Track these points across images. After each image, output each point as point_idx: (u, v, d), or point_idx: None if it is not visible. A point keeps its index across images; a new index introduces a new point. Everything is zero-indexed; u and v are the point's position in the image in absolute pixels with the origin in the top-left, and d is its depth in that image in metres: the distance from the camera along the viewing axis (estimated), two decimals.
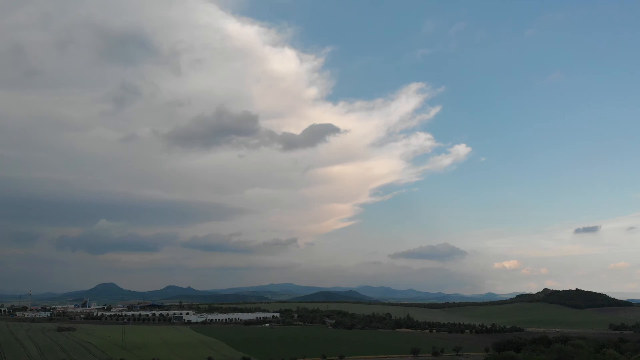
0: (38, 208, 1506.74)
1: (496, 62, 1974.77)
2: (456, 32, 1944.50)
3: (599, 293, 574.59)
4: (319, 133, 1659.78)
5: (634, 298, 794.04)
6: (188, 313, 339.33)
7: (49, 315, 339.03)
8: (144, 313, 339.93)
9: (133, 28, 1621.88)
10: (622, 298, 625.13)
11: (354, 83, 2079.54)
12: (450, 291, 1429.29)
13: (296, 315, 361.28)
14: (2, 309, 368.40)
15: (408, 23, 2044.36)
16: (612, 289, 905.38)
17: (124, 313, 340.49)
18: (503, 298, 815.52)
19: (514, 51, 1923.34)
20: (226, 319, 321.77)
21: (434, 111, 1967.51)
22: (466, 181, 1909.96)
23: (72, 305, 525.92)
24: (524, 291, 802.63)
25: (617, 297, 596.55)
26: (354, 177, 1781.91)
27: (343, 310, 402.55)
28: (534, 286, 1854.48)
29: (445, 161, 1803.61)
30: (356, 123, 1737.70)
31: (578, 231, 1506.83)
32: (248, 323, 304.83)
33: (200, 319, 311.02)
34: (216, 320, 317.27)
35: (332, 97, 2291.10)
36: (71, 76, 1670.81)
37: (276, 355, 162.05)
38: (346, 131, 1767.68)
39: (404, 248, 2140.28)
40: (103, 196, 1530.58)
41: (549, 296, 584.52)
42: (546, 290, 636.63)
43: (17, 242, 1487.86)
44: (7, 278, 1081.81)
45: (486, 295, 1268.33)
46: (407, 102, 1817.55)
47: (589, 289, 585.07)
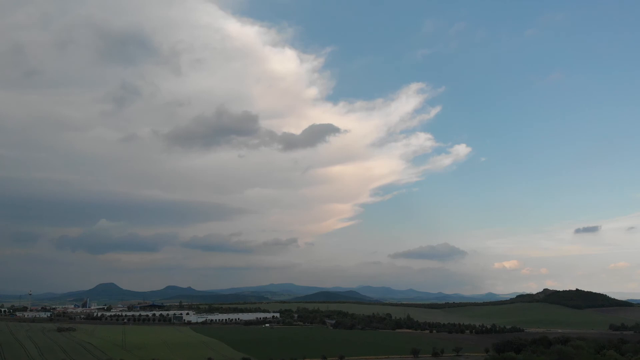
0: (38, 208, 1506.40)
1: (496, 62, 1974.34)
2: (456, 32, 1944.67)
3: (599, 293, 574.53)
4: (319, 133, 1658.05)
5: (634, 298, 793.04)
6: (188, 313, 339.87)
7: (49, 315, 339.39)
8: (144, 313, 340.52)
9: (133, 28, 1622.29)
10: (622, 298, 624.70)
11: (354, 83, 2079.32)
12: (450, 291, 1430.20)
13: (296, 315, 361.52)
14: (2, 309, 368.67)
15: (408, 23, 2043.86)
16: (612, 289, 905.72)
17: (124, 313, 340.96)
18: (503, 298, 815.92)
19: (514, 51, 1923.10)
20: (226, 319, 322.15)
21: (434, 111, 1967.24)
22: (466, 181, 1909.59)
23: (72, 305, 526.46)
24: (524, 291, 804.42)
25: (617, 297, 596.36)
26: (354, 177, 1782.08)
27: (343, 310, 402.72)
28: (534, 286, 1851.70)
29: (445, 161, 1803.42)
30: (356, 123, 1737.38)
31: (578, 231, 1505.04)
32: (248, 323, 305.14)
33: (200, 319, 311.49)
34: (216, 320, 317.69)
35: (332, 97, 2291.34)
36: (71, 76, 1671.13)
37: (276, 355, 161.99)
38: (346, 131, 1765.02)
39: (404, 248, 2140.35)
40: (103, 196, 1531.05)
41: (549, 296, 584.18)
42: (546, 290, 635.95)
43: (17, 242, 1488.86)
44: (7, 278, 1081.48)
45: (486, 295, 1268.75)
46: (407, 102, 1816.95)
47: (589, 289, 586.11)
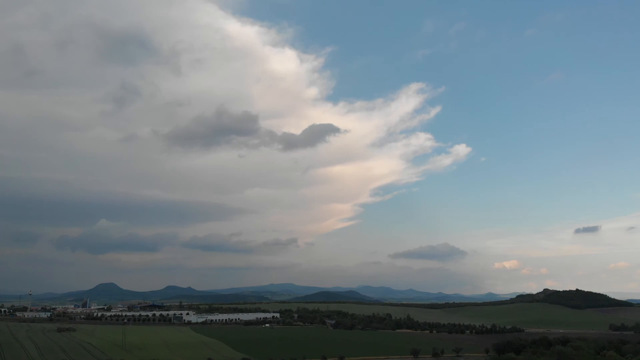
0: (38, 208, 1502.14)
1: (496, 62, 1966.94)
2: (456, 32, 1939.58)
3: (599, 293, 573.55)
4: (319, 133, 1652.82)
5: (634, 298, 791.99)
6: (188, 313, 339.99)
7: (49, 315, 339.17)
8: (144, 313, 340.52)
9: (133, 28, 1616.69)
10: (622, 298, 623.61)
11: (354, 83, 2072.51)
12: (450, 291, 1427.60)
13: (296, 315, 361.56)
14: (2, 309, 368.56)
15: (408, 23, 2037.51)
16: (612, 289, 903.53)
17: (124, 313, 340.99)
18: (503, 298, 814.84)
19: (514, 51, 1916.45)
20: (226, 320, 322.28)
21: (434, 111, 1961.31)
22: (466, 181, 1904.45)
23: (72, 305, 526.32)
24: (524, 291, 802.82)
25: (617, 297, 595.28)
26: (354, 177, 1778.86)
27: (343, 310, 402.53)
28: (534, 286, 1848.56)
29: (445, 161, 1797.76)
30: (356, 123, 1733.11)
31: (578, 231, 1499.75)
32: (248, 323, 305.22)
33: (200, 319, 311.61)
34: (216, 320, 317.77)
35: (332, 97, 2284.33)
36: (71, 76, 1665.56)
37: (276, 355, 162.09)
38: (346, 131, 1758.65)
39: (404, 248, 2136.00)
40: (103, 196, 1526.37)
41: (549, 296, 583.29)
42: (546, 290, 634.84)
43: (17, 242, 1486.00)
44: (7, 278, 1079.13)
45: (486, 295, 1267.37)
46: (407, 102, 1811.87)
47: (589, 289, 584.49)
